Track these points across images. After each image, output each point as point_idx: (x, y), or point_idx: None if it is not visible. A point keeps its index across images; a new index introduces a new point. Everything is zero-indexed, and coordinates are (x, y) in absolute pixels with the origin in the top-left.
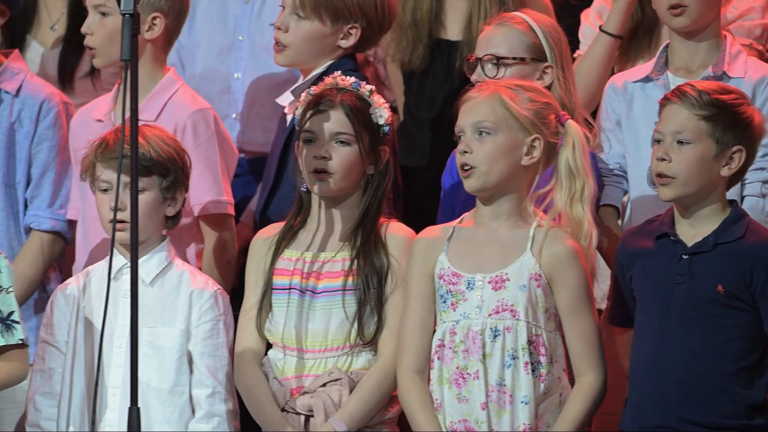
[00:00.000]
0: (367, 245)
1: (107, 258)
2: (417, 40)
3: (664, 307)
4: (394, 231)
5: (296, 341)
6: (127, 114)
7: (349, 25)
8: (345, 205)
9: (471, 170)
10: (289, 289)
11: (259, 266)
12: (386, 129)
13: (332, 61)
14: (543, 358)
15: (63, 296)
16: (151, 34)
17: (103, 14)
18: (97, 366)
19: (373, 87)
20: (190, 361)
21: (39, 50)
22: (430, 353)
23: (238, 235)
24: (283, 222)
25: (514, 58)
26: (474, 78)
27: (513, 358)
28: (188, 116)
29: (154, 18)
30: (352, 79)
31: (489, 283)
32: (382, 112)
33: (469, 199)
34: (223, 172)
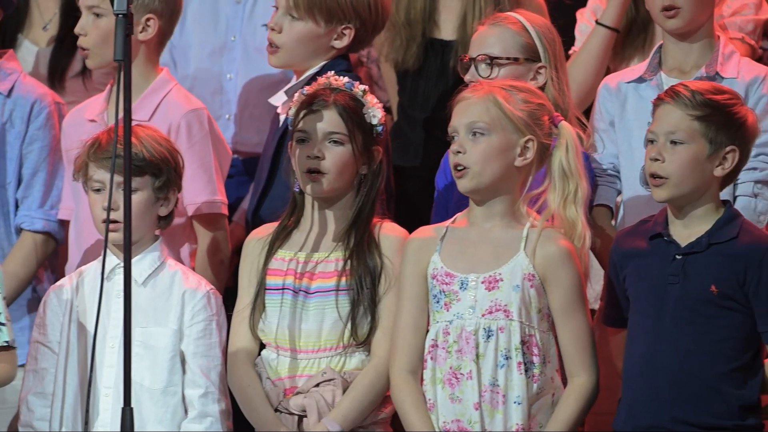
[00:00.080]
0: (361, 245)
1: (100, 258)
2: (411, 40)
3: (657, 308)
4: (388, 231)
5: (289, 341)
6: (121, 114)
7: (343, 26)
8: (338, 206)
9: (464, 171)
10: (282, 289)
11: (252, 266)
12: (379, 129)
13: (326, 62)
14: (536, 359)
15: (56, 296)
16: (145, 36)
17: (97, 15)
18: (90, 366)
19: (366, 87)
20: (183, 361)
21: (31, 49)
22: (423, 353)
23: (231, 236)
24: (277, 222)
25: (508, 59)
26: (467, 78)
27: (506, 358)
28: (182, 116)
29: (147, 19)
30: (346, 79)
31: (482, 283)
32: (375, 112)
33: (462, 199)
34: (217, 172)
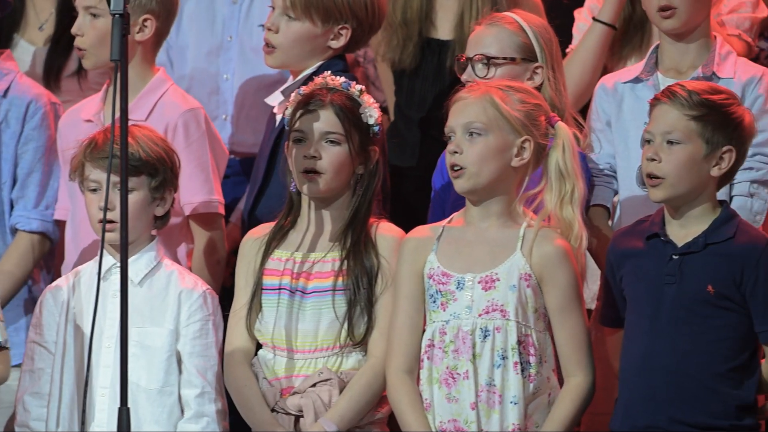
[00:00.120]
0: (357, 245)
1: (96, 258)
2: (407, 39)
3: (654, 308)
4: (384, 231)
5: (286, 341)
6: (117, 114)
7: (340, 26)
8: (335, 206)
9: (461, 171)
10: (279, 289)
11: (249, 266)
12: (376, 129)
13: (322, 62)
14: (532, 358)
15: (52, 296)
16: (142, 36)
17: (94, 15)
18: (87, 366)
19: (363, 87)
20: (179, 362)
21: (28, 49)
22: (420, 353)
23: (228, 236)
24: (273, 222)
25: (505, 58)
26: (464, 78)
27: (502, 358)
28: (179, 116)
29: (144, 20)
30: (342, 79)
31: (479, 283)
32: (371, 111)
33: (458, 199)
34: (214, 172)
